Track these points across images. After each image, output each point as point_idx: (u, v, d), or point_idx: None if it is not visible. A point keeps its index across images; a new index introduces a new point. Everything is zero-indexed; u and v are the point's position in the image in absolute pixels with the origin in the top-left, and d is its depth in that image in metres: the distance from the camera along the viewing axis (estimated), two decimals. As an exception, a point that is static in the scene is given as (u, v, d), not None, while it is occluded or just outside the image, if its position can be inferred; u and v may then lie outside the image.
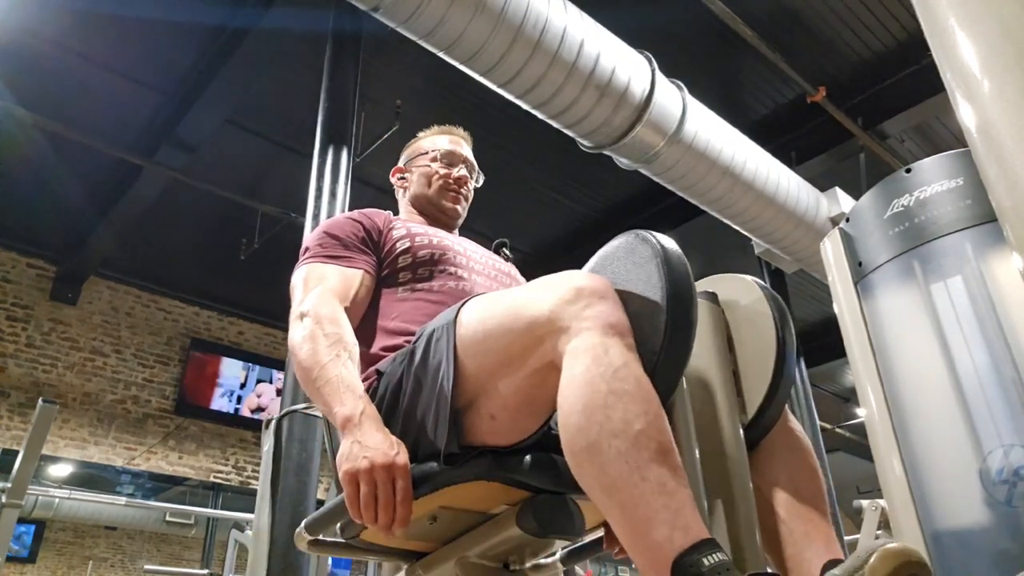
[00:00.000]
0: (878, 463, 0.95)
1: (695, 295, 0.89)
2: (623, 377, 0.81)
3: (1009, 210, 0.57)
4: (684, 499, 0.76)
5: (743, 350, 0.94)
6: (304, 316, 1.12)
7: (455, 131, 1.59)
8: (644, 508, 0.76)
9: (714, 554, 0.72)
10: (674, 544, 0.73)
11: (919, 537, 0.88)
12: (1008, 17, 0.58)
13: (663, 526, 0.74)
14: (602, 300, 0.86)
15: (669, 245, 0.91)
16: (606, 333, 0.84)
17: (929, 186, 0.95)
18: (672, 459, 0.78)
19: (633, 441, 0.78)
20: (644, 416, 0.79)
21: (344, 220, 1.34)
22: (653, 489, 0.76)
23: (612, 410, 0.80)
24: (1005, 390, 0.83)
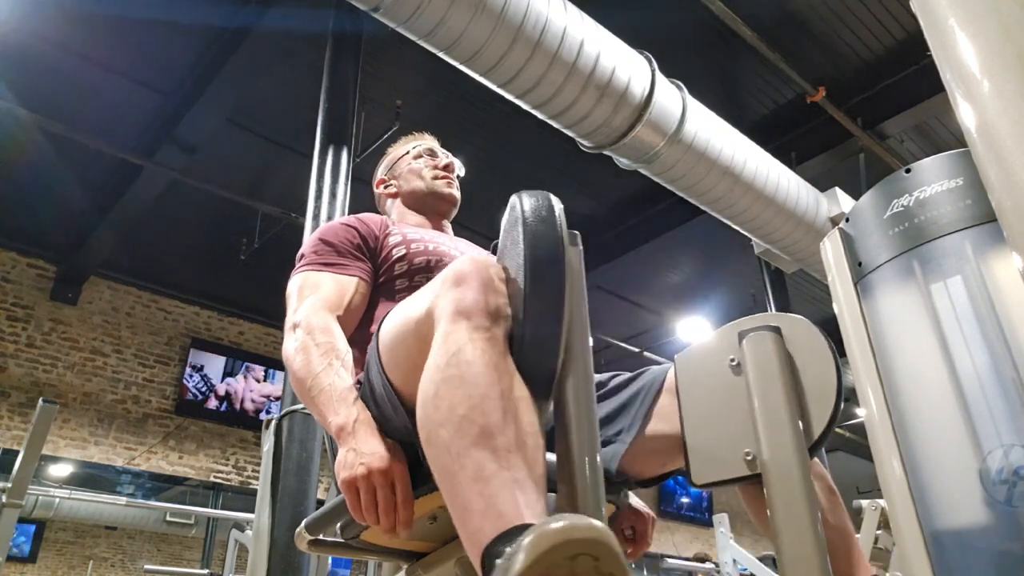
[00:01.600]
0: (878, 463, 0.95)
1: (559, 254, 0.81)
2: (456, 363, 0.78)
3: (1009, 210, 0.57)
4: (502, 483, 0.70)
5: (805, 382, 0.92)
6: (296, 327, 1.13)
7: (423, 135, 1.64)
8: (462, 498, 0.72)
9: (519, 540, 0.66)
10: (484, 534, 0.68)
11: (918, 537, 0.88)
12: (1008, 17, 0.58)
13: (476, 516, 0.70)
14: (458, 285, 0.84)
15: (532, 200, 0.84)
16: (454, 319, 0.81)
17: (929, 186, 0.95)
18: (495, 441, 0.73)
19: (456, 428, 0.75)
20: (468, 400, 0.75)
21: (339, 226, 1.33)
22: (469, 476, 0.72)
23: (440, 400, 0.78)
24: (1005, 390, 0.83)
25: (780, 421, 0.87)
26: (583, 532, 0.58)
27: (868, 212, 1.01)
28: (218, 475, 7.54)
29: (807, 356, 0.92)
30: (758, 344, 0.92)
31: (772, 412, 0.88)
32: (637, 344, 8.48)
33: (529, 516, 0.68)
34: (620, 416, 1.11)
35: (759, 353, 0.91)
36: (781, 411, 0.88)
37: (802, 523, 0.83)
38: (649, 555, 11.23)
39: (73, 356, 6.94)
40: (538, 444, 0.76)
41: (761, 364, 0.91)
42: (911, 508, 0.89)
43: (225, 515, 6.19)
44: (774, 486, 0.85)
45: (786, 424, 0.87)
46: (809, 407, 0.90)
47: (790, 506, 0.84)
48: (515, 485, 0.71)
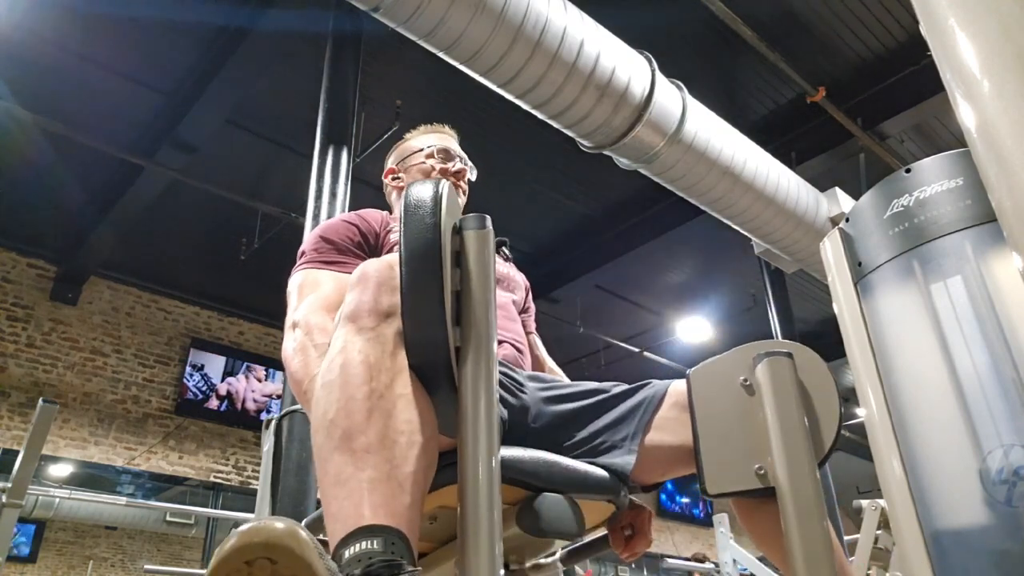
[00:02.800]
0: (878, 463, 0.95)
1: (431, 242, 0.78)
2: (333, 367, 0.78)
3: (1009, 210, 0.57)
4: (355, 487, 0.70)
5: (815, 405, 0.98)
6: (295, 327, 1.13)
7: (443, 128, 1.60)
8: (327, 503, 0.72)
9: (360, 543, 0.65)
10: (335, 538, 0.68)
11: (918, 537, 0.88)
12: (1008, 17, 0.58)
13: (332, 520, 0.70)
14: (354, 288, 0.84)
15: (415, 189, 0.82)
16: (343, 323, 0.82)
17: (929, 186, 0.95)
18: (353, 443, 0.73)
19: (326, 433, 0.75)
20: (336, 403, 0.76)
21: (339, 223, 1.33)
22: (332, 481, 0.72)
23: (317, 405, 0.78)
24: (1005, 390, 0.83)
25: (795, 439, 0.92)
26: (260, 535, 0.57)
27: (868, 212, 1.01)
28: (218, 475, 7.54)
29: (814, 382, 0.98)
30: (775, 368, 0.97)
31: (787, 430, 0.93)
32: (637, 344, 8.48)
33: (372, 517, 0.68)
34: (623, 424, 1.12)
35: (776, 376, 0.96)
36: (796, 430, 0.93)
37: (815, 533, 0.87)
38: (649, 555, 11.23)
39: (73, 356, 6.94)
40: (412, 441, 0.74)
41: (778, 386, 0.95)
42: (911, 508, 0.89)
43: (225, 515, 6.19)
44: (788, 499, 0.89)
45: (801, 441, 0.92)
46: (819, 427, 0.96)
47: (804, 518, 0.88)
48: (367, 486, 0.70)
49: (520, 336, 1.38)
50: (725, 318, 8.06)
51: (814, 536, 0.87)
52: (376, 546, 0.65)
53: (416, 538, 0.71)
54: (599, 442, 1.10)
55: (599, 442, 1.10)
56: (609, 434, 1.11)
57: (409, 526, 0.70)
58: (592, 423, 1.12)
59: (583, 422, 1.13)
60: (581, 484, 1.02)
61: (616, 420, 1.13)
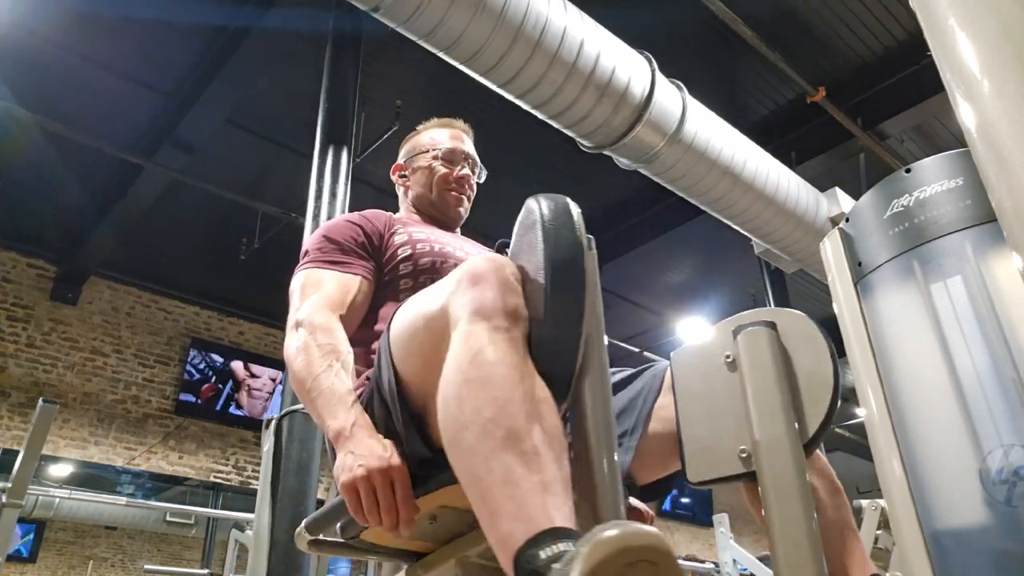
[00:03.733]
0: (877, 463, 0.95)
1: (579, 260, 0.83)
2: (478, 364, 0.78)
3: (1009, 210, 0.57)
4: (532, 487, 0.71)
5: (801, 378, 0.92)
6: (299, 326, 1.12)
7: (456, 124, 1.55)
8: (491, 502, 0.72)
9: (554, 544, 0.66)
10: (515, 538, 0.68)
11: (919, 537, 0.88)
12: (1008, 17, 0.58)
13: (506, 520, 0.70)
14: (475, 285, 0.83)
15: (554, 204, 0.86)
16: (473, 319, 0.81)
17: (929, 186, 0.95)
18: (522, 445, 0.73)
19: (481, 431, 0.75)
20: (494, 403, 0.75)
21: (343, 224, 1.32)
22: (498, 480, 0.72)
23: (464, 401, 0.77)
24: (1005, 390, 0.83)
25: (774, 418, 0.87)
26: (641, 539, 0.58)
27: (868, 212, 1.01)
28: (218, 475, 7.54)
29: (803, 351, 0.92)
30: (752, 340, 0.92)
31: (766, 409, 0.88)
32: (637, 344, 8.48)
33: (559, 519, 0.69)
34: (623, 417, 1.11)
35: (753, 349, 0.91)
36: (775, 408, 0.87)
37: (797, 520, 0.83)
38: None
39: (73, 356, 6.94)
40: (563, 446, 0.76)
41: (755, 360, 0.90)
42: (911, 508, 0.89)
43: (225, 515, 6.20)
44: (768, 484, 0.85)
45: (780, 421, 0.87)
46: (804, 404, 0.90)
47: (784, 504, 0.84)
48: (543, 488, 0.71)
49: None
50: (725, 318, 8.02)
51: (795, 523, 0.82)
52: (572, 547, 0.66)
53: None
54: None
55: None
56: None
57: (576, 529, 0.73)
58: None
59: None
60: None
61: (616, 413, 1.12)
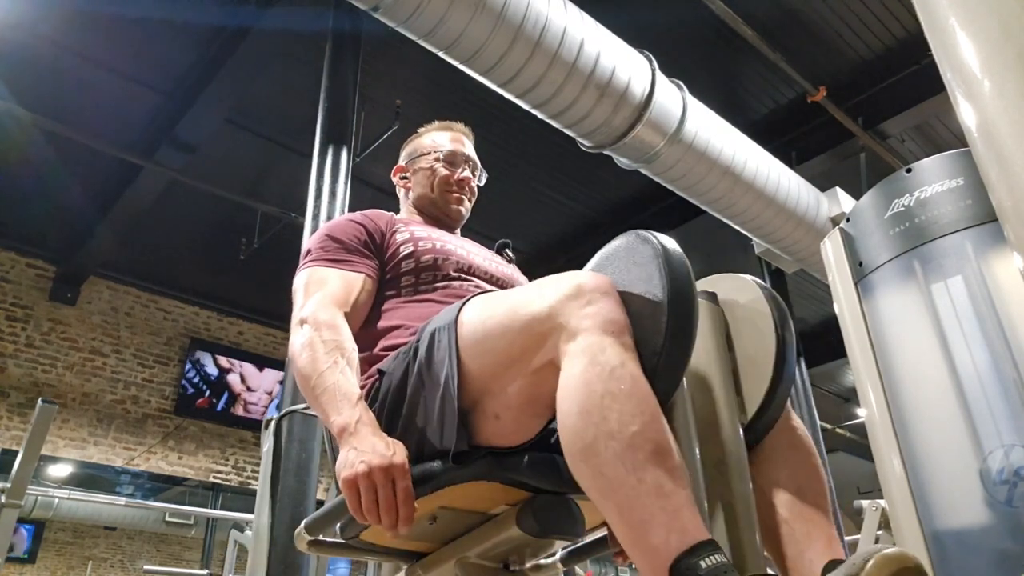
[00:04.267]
0: (878, 463, 0.95)
1: (696, 296, 0.88)
2: (619, 377, 0.80)
3: (1009, 210, 0.57)
4: (682, 500, 0.75)
5: (743, 350, 0.93)
6: (304, 323, 1.12)
7: (456, 127, 1.56)
8: (641, 511, 0.75)
9: (712, 556, 0.71)
10: (671, 547, 0.73)
11: (919, 537, 0.88)
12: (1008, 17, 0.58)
13: (660, 529, 0.74)
14: (604, 297, 0.86)
15: (670, 245, 0.91)
16: (604, 332, 0.83)
17: (929, 186, 0.95)
18: (670, 460, 0.78)
19: (629, 442, 0.78)
20: (640, 417, 0.79)
21: (346, 222, 1.32)
22: (650, 491, 0.75)
23: (608, 411, 0.79)
24: (1005, 390, 0.83)
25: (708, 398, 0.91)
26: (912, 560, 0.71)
27: (869, 212, 1.01)
28: (217, 475, 7.54)
29: (746, 321, 0.93)
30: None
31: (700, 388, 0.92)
32: (637, 344, 8.47)
33: (707, 533, 0.75)
34: None
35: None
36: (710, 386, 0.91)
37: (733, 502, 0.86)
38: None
39: (72, 356, 6.94)
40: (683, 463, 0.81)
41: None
42: (912, 508, 0.89)
43: (225, 515, 6.20)
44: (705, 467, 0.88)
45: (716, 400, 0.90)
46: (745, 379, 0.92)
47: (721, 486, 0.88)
48: (691, 502, 0.76)
49: None
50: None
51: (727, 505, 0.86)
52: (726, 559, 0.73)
53: None
54: None
55: None
56: None
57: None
58: None
59: None
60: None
61: None
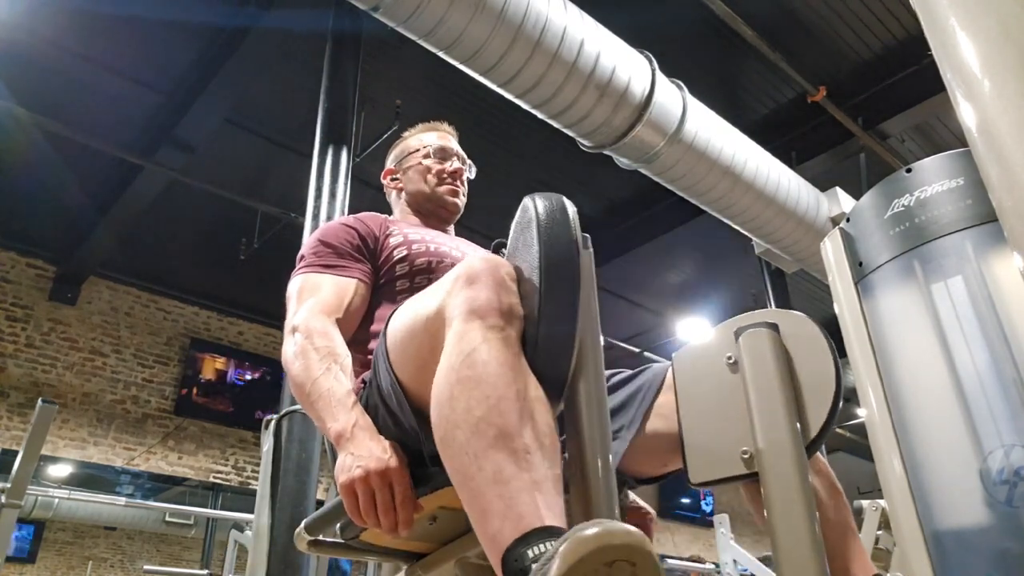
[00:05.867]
0: (878, 463, 0.95)
1: (574, 258, 0.82)
2: (471, 363, 0.78)
3: (1009, 210, 0.56)
4: (522, 485, 0.71)
5: (803, 379, 0.91)
6: (295, 331, 1.12)
7: (441, 126, 1.59)
8: (481, 500, 0.73)
9: (541, 543, 0.66)
10: (504, 536, 0.69)
11: (919, 537, 0.88)
12: (1008, 16, 0.58)
13: (495, 518, 0.70)
14: (471, 284, 0.84)
15: (549, 203, 0.85)
16: (467, 319, 0.81)
17: (930, 186, 0.95)
18: (513, 443, 0.73)
19: (473, 430, 0.75)
20: (485, 401, 0.75)
21: (339, 227, 1.33)
22: (488, 479, 0.72)
23: (456, 400, 0.78)
24: (1006, 390, 0.83)
25: (777, 419, 0.87)
26: (620, 538, 0.58)
27: (869, 212, 1.01)
28: (217, 475, 7.54)
29: (805, 353, 0.92)
30: (755, 341, 0.92)
31: (769, 410, 0.88)
32: (637, 344, 8.48)
33: (549, 518, 0.69)
34: (620, 413, 1.12)
35: (756, 350, 0.91)
36: (778, 409, 0.87)
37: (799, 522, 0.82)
38: (649, 555, 11.19)
39: (72, 356, 6.94)
40: (555, 444, 0.76)
41: (758, 361, 0.90)
42: (912, 508, 0.89)
43: (225, 515, 6.20)
44: (771, 485, 0.85)
45: (783, 422, 0.87)
46: (806, 405, 0.90)
47: (787, 505, 0.84)
48: (534, 487, 0.71)
49: None
50: (725, 318, 7.96)
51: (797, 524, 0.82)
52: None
53: None
54: None
55: None
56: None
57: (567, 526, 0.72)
58: None
59: None
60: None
61: (614, 409, 1.11)
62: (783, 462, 0.85)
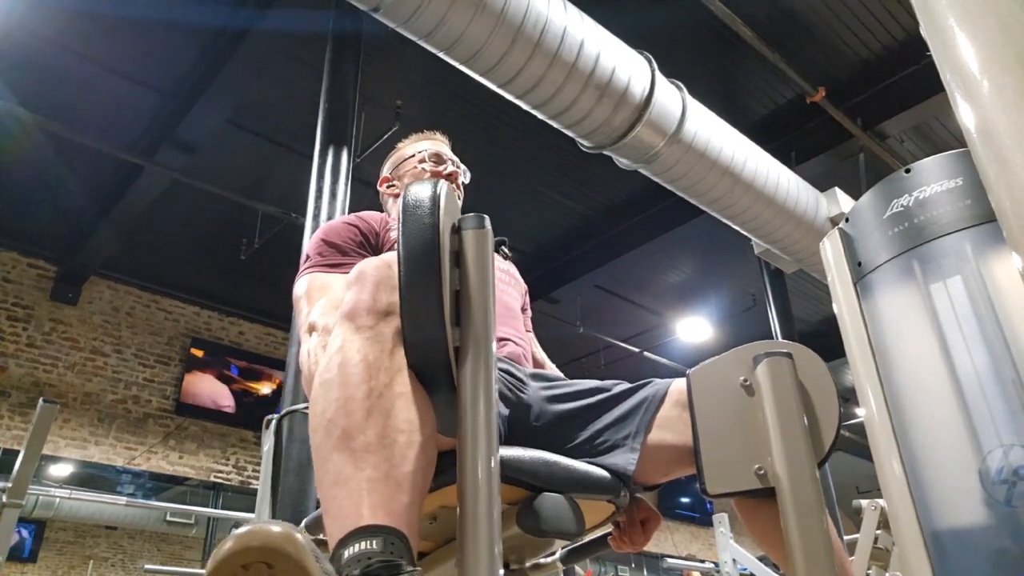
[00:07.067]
0: (877, 463, 0.95)
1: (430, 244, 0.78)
2: (331, 366, 0.79)
3: (1008, 210, 0.57)
4: (355, 485, 0.70)
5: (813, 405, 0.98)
6: (313, 330, 1.13)
7: (434, 135, 1.63)
8: (324, 502, 0.73)
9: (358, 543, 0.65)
10: (333, 538, 0.68)
11: (918, 537, 0.88)
12: (1008, 17, 0.58)
13: (331, 520, 0.70)
14: (349, 287, 0.85)
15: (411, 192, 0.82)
16: (341, 322, 0.83)
17: (929, 186, 0.95)
18: (353, 443, 0.73)
19: (324, 432, 0.75)
20: (335, 402, 0.76)
21: (341, 225, 1.35)
22: (331, 481, 0.72)
23: (316, 404, 0.78)
24: (1005, 390, 0.83)
25: (795, 439, 0.93)
26: (257, 540, 0.57)
27: (868, 212, 1.01)
28: (218, 475, 7.54)
29: (814, 383, 0.99)
30: (775, 368, 0.97)
31: (787, 430, 0.93)
32: (637, 344, 8.48)
33: (371, 517, 0.68)
34: (625, 422, 1.13)
35: (776, 376, 0.96)
36: (796, 430, 0.93)
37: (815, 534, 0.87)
38: (649, 555, 11.22)
39: (73, 356, 6.94)
40: (411, 441, 0.75)
41: (778, 386, 0.96)
42: (911, 508, 0.89)
43: (225, 515, 6.19)
44: (788, 500, 0.89)
45: (800, 442, 0.92)
46: (817, 428, 0.97)
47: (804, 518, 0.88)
48: (366, 486, 0.70)
49: (522, 334, 1.39)
50: (725, 318, 8.05)
51: (814, 536, 0.87)
52: (375, 546, 0.65)
53: (416, 538, 0.71)
54: (600, 441, 1.11)
55: (600, 441, 1.11)
56: (610, 433, 1.11)
57: (408, 526, 0.70)
58: (594, 422, 1.13)
59: (585, 421, 1.13)
60: (581, 484, 1.02)
61: (618, 419, 1.13)
62: (801, 478, 0.90)
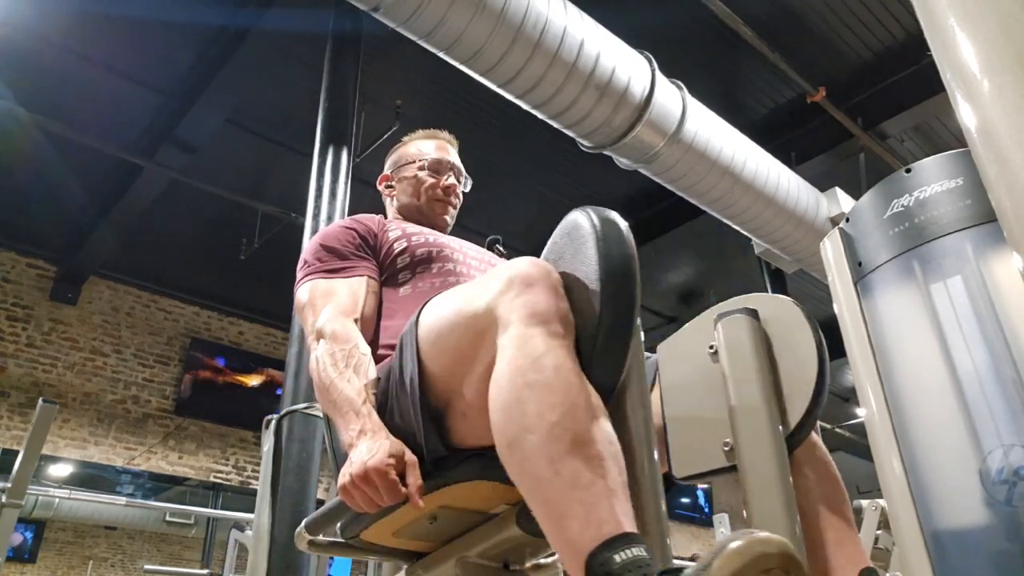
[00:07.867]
0: (878, 463, 0.95)
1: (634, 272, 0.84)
2: (540, 368, 0.79)
3: (1009, 210, 0.57)
4: (600, 492, 0.72)
5: (784, 366, 0.90)
6: (320, 337, 1.13)
7: (440, 135, 1.58)
8: (559, 504, 0.74)
9: (627, 549, 0.68)
10: (586, 540, 0.70)
11: (918, 536, 0.88)
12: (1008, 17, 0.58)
13: (575, 522, 0.72)
14: (529, 288, 0.84)
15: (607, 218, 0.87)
16: (529, 322, 0.82)
17: (929, 186, 0.95)
18: (589, 450, 0.75)
19: (547, 435, 0.76)
20: (559, 407, 0.77)
21: (338, 229, 1.34)
22: (566, 483, 0.73)
23: (526, 404, 0.78)
24: (1005, 390, 0.83)
25: (754, 409, 0.86)
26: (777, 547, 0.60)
27: (868, 212, 1.01)
28: (218, 475, 7.54)
29: (787, 339, 0.90)
30: (733, 328, 0.90)
31: (746, 399, 0.87)
32: (637, 344, 8.47)
33: (627, 525, 0.71)
34: None
35: (733, 338, 0.90)
36: (755, 398, 0.86)
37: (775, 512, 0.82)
38: (649, 555, 11.20)
39: (73, 356, 6.94)
40: (619, 452, 0.78)
41: (735, 349, 0.89)
42: (911, 508, 0.89)
43: (225, 515, 6.20)
44: (749, 477, 0.84)
45: (761, 413, 0.86)
46: (787, 394, 0.88)
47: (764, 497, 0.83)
48: (610, 493, 0.73)
49: None
50: (725, 318, 8.04)
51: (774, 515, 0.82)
52: (644, 553, 0.68)
53: None
54: None
55: None
56: None
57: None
58: None
59: None
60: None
61: None
62: (761, 454, 0.84)
